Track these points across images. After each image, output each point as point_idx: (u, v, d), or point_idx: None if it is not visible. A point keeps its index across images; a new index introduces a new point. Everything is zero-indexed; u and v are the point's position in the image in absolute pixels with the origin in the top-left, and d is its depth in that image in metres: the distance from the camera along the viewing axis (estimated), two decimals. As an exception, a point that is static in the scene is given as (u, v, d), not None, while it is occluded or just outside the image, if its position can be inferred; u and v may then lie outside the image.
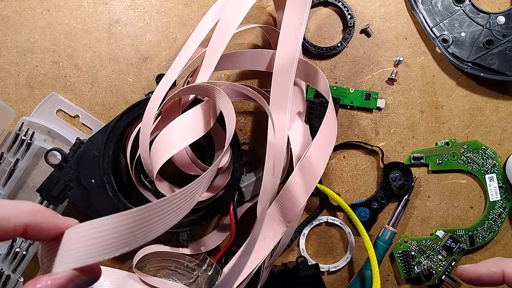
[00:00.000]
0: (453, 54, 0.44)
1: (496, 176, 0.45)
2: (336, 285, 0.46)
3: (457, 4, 0.44)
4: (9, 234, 0.19)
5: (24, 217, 0.20)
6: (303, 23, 0.36)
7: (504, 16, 0.43)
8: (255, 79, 0.45)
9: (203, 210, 0.39)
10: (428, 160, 0.45)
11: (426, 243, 0.45)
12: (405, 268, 0.44)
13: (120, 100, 0.44)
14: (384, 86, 0.45)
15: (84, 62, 0.44)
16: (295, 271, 0.41)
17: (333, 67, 0.45)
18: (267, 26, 0.42)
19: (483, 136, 0.46)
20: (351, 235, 0.45)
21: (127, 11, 0.45)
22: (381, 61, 0.45)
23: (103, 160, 0.37)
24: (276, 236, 0.37)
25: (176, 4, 0.45)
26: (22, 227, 0.20)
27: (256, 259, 0.37)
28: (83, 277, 0.20)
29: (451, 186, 0.46)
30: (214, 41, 0.36)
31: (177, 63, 0.37)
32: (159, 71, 0.44)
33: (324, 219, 0.45)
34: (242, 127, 0.45)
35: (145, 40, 0.44)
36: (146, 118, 0.36)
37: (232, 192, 0.39)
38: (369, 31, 0.45)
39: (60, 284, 0.20)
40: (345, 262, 0.45)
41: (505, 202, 0.45)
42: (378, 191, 0.44)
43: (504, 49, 0.43)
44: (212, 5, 0.38)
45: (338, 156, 0.46)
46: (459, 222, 0.46)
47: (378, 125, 0.45)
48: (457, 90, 0.46)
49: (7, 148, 0.41)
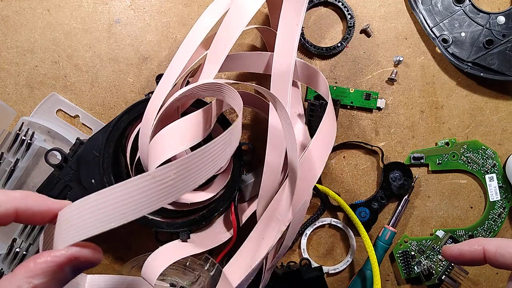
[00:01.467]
0: (453, 54, 0.44)
1: (496, 176, 0.45)
2: (336, 285, 0.46)
3: (457, 4, 0.44)
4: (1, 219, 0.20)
5: (13, 202, 0.21)
6: (299, 24, 0.36)
7: (504, 16, 0.43)
8: (253, 81, 0.45)
9: (203, 210, 0.39)
10: (428, 160, 0.45)
11: (426, 243, 0.45)
12: (405, 268, 0.44)
13: (120, 100, 0.44)
14: (384, 86, 0.45)
15: (84, 62, 0.44)
16: (298, 273, 0.41)
17: (333, 67, 0.45)
18: (263, 27, 0.42)
19: (483, 136, 0.46)
20: (353, 239, 0.45)
21: (127, 11, 0.45)
22: (381, 61, 0.45)
23: (103, 160, 0.37)
24: (275, 235, 0.37)
25: (176, 4, 0.45)
26: (13, 211, 0.21)
27: (255, 259, 0.37)
28: (81, 259, 0.21)
29: (451, 186, 0.46)
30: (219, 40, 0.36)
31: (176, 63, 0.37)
32: (159, 71, 0.44)
33: (327, 221, 0.45)
34: (242, 127, 0.45)
35: (145, 40, 0.44)
36: (146, 119, 0.36)
37: (232, 192, 0.39)
38: (369, 31, 0.45)
39: (59, 262, 0.20)
40: (346, 265, 0.45)
41: (505, 202, 0.45)
42: (378, 191, 0.44)
43: (504, 49, 0.43)
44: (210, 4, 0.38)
45: (338, 156, 0.46)
46: (459, 222, 0.46)
47: (378, 125, 0.45)
48: (457, 90, 0.46)
49: (7, 148, 0.41)
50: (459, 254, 0.30)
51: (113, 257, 0.44)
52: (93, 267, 0.22)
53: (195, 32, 0.36)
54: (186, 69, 0.37)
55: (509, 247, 0.28)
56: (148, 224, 0.38)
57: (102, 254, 0.23)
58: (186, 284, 0.39)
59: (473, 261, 0.30)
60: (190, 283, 0.39)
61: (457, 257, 0.30)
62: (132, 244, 0.45)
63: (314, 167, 0.36)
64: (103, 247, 0.44)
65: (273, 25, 0.43)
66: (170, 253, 0.37)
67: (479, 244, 0.29)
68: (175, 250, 0.38)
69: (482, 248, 0.29)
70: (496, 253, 0.28)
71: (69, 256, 0.20)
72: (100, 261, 0.22)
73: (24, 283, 0.19)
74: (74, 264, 0.20)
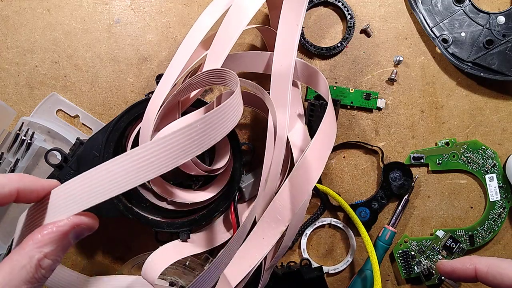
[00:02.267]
0: (453, 54, 0.44)
1: (496, 176, 0.45)
2: (336, 285, 0.46)
3: (457, 4, 0.44)
4: (6, 199, 0.22)
5: (15, 183, 0.23)
6: (299, 24, 0.36)
7: (504, 16, 0.43)
8: (253, 80, 0.45)
9: (203, 210, 0.39)
10: (428, 160, 0.45)
11: (426, 243, 0.45)
12: (405, 268, 0.44)
13: (120, 100, 0.44)
14: (384, 86, 0.45)
15: (84, 62, 0.44)
16: (298, 273, 0.41)
17: (333, 67, 0.45)
18: (263, 26, 0.42)
19: (483, 136, 0.46)
20: (353, 239, 0.45)
21: (127, 11, 0.45)
22: (381, 61, 0.45)
23: (103, 160, 0.37)
24: (274, 235, 0.37)
25: (176, 4, 0.45)
26: (15, 191, 0.23)
27: (255, 259, 0.37)
28: (82, 225, 0.24)
29: (451, 186, 0.46)
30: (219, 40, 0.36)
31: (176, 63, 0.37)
32: (159, 71, 0.44)
33: (327, 221, 0.45)
34: (242, 127, 0.45)
35: (145, 40, 0.44)
36: (146, 119, 0.36)
37: (232, 192, 0.39)
38: (369, 31, 0.45)
39: (64, 231, 0.23)
40: (346, 265, 0.45)
41: (505, 202, 0.45)
42: (378, 191, 0.44)
43: (504, 49, 0.43)
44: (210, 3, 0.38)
45: (338, 156, 0.46)
46: (459, 222, 0.46)
47: (378, 125, 0.45)
48: (457, 90, 0.46)
49: (7, 148, 0.41)
50: (451, 271, 0.31)
51: (113, 257, 0.44)
52: (91, 233, 0.25)
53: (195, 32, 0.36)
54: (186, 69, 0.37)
55: (499, 267, 0.29)
56: (148, 224, 0.38)
57: (98, 221, 0.25)
58: (186, 283, 0.39)
59: (465, 279, 0.31)
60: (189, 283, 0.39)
61: (450, 274, 0.32)
62: (132, 244, 0.44)
63: (313, 167, 0.35)
64: (103, 248, 0.44)
65: (273, 24, 0.43)
66: (170, 253, 0.37)
67: (471, 263, 0.30)
68: (175, 250, 0.38)
69: (474, 267, 0.30)
70: (487, 273, 0.29)
71: (71, 224, 0.23)
72: (97, 226, 0.25)
73: (36, 253, 0.21)
74: (77, 230, 0.23)
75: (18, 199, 0.23)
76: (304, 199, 0.35)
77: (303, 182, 0.36)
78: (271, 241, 0.37)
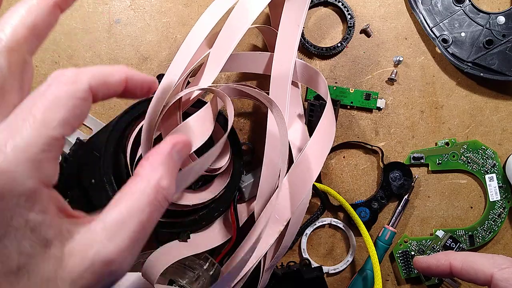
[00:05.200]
0: (453, 54, 0.44)
1: (496, 176, 0.45)
2: (336, 285, 0.46)
3: (457, 4, 0.44)
4: (116, 88, 0.22)
5: (122, 72, 0.22)
6: (300, 25, 0.36)
7: (504, 16, 0.43)
8: (253, 80, 0.45)
9: (203, 210, 0.39)
10: (428, 160, 0.45)
11: (426, 243, 0.45)
12: (405, 268, 0.44)
13: (120, 100, 0.44)
14: (384, 86, 0.45)
15: (84, 62, 0.44)
16: (298, 273, 0.41)
17: (333, 67, 0.45)
18: (264, 26, 0.42)
19: (483, 136, 0.46)
20: (353, 239, 0.45)
21: (127, 11, 0.45)
22: (381, 61, 0.45)
23: (103, 160, 0.37)
24: (273, 235, 0.37)
25: (176, 4, 0.45)
26: (124, 79, 0.22)
27: (253, 259, 0.37)
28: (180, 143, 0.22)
29: (451, 186, 0.46)
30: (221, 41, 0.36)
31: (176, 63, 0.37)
32: (159, 71, 0.44)
33: (327, 221, 0.45)
34: (242, 127, 0.45)
35: (145, 40, 0.44)
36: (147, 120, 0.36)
37: (232, 192, 0.39)
38: (369, 31, 0.45)
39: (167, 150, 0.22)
40: (346, 265, 0.45)
41: (505, 202, 0.45)
42: (378, 191, 0.44)
43: (504, 49, 0.43)
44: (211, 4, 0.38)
45: (338, 156, 0.46)
46: (459, 222, 0.46)
47: (378, 125, 0.45)
48: (457, 90, 0.46)
49: (7, 148, 0.41)
50: (427, 267, 0.32)
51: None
52: None
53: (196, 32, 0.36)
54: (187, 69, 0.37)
55: (474, 263, 0.29)
56: (148, 224, 0.38)
57: None
58: (186, 283, 0.39)
59: (440, 274, 0.31)
60: (189, 282, 0.39)
61: (425, 270, 0.32)
62: (132, 244, 0.44)
63: (311, 167, 0.36)
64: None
65: (273, 24, 0.43)
66: (170, 253, 0.37)
67: (446, 259, 0.31)
68: (175, 250, 0.38)
69: (448, 263, 0.30)
70: (461, 268, 0.30)
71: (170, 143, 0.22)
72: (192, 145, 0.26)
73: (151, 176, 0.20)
74: (177, 148, 0.22)
75: (125, 91, 0.22)
76: (302, 197, 0.35)
77: (301, 180, 0.36)
78: (269, 241, 0.37)
